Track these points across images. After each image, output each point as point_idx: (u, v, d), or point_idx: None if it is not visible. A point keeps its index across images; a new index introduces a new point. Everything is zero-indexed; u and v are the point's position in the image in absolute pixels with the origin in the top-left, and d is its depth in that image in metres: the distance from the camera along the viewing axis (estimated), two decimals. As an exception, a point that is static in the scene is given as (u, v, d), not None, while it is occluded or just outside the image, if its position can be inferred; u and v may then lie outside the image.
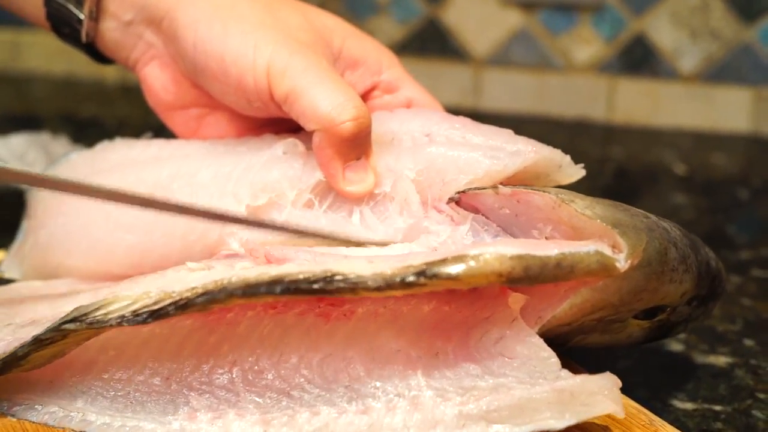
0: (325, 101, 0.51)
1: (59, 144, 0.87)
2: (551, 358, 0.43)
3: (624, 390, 0.50)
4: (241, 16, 0.55)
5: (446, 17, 1.22)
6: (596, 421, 0.46)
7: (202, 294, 0.42)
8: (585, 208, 0.45)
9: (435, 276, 0.41)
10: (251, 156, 0.55)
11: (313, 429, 0.44)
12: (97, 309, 0.43)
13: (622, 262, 0.43)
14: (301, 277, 0.42)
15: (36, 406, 0.47)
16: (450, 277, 0.41)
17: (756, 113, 1.16)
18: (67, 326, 0.44)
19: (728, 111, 1.16)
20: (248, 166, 0.54)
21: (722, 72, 1.16)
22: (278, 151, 0.54)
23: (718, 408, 0.53)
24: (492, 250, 0.41)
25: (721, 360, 0.59)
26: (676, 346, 0.60)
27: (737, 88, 1.15)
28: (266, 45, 0.54)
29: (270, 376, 0.46)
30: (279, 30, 0.55)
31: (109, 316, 0.43)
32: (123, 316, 0.43)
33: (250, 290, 0.42)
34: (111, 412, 0.46)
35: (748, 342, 0.62)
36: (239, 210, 0.52)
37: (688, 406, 0.54)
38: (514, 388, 0.42)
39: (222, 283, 0.42)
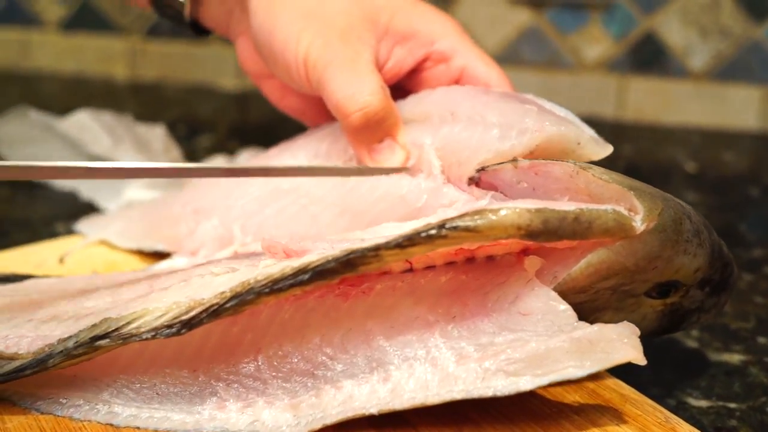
0: (338, 93, 0.56)
1: (123, 122, 0.92)
2: (568, 310, 0.43)
3: (638, 388, 0.50)
4: (292, 4, 0.59)
5: (456, 16, 1.22)
6: (612, 419, 0.46)
7: (232, 298, 0.43)
8: (602, 174, 0.46)
9: (455, 228, 0.41)
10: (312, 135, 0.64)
11: (338, 403, 0.44)
12: (129, 323, 0.44)
13: (639, 223, 0.44)
14: (324, 260, 0.42)
15: (60, 400, 0.47)
16: (469, 229, 0.41)
17: (766, 111, 1.16)
18: (101, 342, 0.44)
19: (738, 109, 1.16)
20: (310, 140, 0.63)
21: (732, 70, 1.15)
22: (329, 128, 0.62)
23: (732, 405, 0.53)
24: (511, 205, 0.42)
25: (735, 358, 0.59)
26: (690, 343, 0.60)
27: (747, 86, 1.15)
28: (306, 36, 0.58)
29: (294, 360, 0.46)
30: (321, 19, 0.58)
31: (142, 330, 0.44)
32: (156, 329, 0.44)
33: (278, 286, 0.42)
34: (137, 403, 0.46)
35: (762, 339, 0.61)
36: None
37: (703, 403, 0.53)
38: (531, 341, 0.42)
39: (249, 283, 0.43)
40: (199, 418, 0.45)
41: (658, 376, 0.56)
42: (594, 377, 0.50)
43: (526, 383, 0.42)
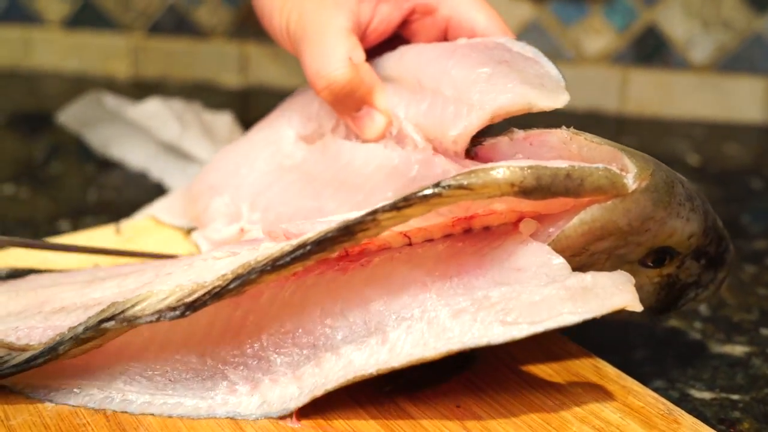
0: (308, 69, 0.57)
1: (192, 109, 0.95)
2: (562, 263, 0.44)
3: (641, 380, 0.50)
4: None
5: (457, 10, 1.21)
6: (614, 411, 0.46)
7: (234, 279, 0.43)
8: (594, 137, 0.47)
9: (449, 187, 0.42)
10: (305, 92, 0.65)
11: (338, 369, 0.45)
12: (134, 305, 0.44)
13: (630, 181, 0.44)
14: (323, 232, 0.43)
15: (74, 390, 0.47)
16: (463, 187, 0.42)
17: (769, 103, 1.16)
18: (107, 324, 0.44)
19: (741, 101, 1.16)
20: (303, 100, 0.64)
21: (735, 62, 1.15)
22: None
23: (735, 397, 0.53)
24: (504, 164, 0.42)
25: (738, 349, 0.59)
26: (693, 335, 0.60)
27: (750, 78, 1.15)
28: (286, 7, 0.59)
29: (296, 335, 0.47)
30: None
31: (147, 312, 0.44)
32: (160, 311, 0.44)
33: (279, 263, 0.43)
34: (151, 390, 0.47)
35: (765, 331, 0.61)
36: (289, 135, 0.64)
37: (706, 395, 0.53)
38: (526, 293, 0.43)
39: (249, 264, 0.44)
40: (212, 403, 0.46)
41: (661, 368, 0.56)
42: (596, 370, 0.50)
43: (521, 330, 0.42)
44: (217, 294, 0.44)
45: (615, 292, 0.42)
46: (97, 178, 0.90)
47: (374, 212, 0.42)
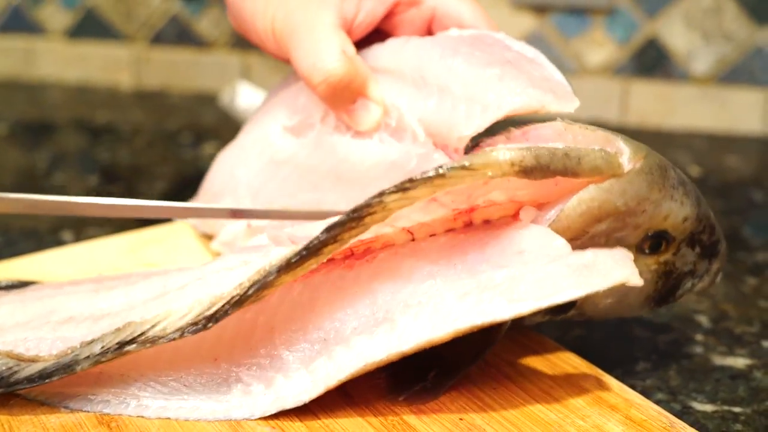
0: (301, 64, 0.57)
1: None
2: (563, 243, 0.45)
3: (643, 393, 0.50)
4: None
5: (458, 21, 1.21)
6: (617, 425, 0.46)
7: (251, 286, 0.44)
8: (588, 125, 0.48)
9: (452, 168, 0.43)
10: (289, 87, 0.65)
11: (349, 359, 0.46)
12: (154, 326, 0.45)
13: (626, 161, 0.46)
14: (331, 223, 0.44)
15: (89, 397, 0.48)
16: (465, 168, 0.43)
17: (769, 115, 1.16)
18: (129, 348, 0.45)
19: (742, 113, 1.16)
20: (287, 94, 0.65)
21: (735, 74, 1.15)
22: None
23: (737, 410, 0.53)
24: (504, 146, 0.44)
25: (740, 362, 0.59)
26: (694, 348, 0.60)
27: (751, 90, 1.15)
28: (270, 8, 0.59)
29: (308, 330, 0.47)
30: None
31: (168, 331, 0.45)
32: (181, 328, 0.45)
33: (294, 260, 0.44)
34: (166, 395, 0.47)
35: (767, 344, 0.62)
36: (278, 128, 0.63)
37: (708, 408, 0.54)
38: (530, 272, 0.44)
39: (265, 269, 0.44)
40: (228, 405, 0.47)
41: (663, 380, 0.56)
42: (598, 383, 0.50)
43: (527, 306, 0.43)
44: (237, 302, 0.44)
45: (615, 267, 0.43)
46: (100, 188, 0.90)
47: (381, 194, 0.43)
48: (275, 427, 0.46)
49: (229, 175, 0.66)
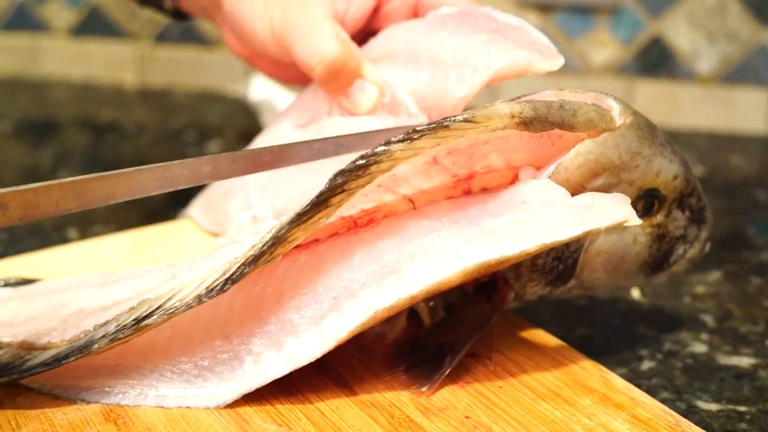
0: (299, 52, 0.60)
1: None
2: (561, 190, 0.47)
3: (648, 392, 0.51)
4: None
5: (462, 20, 1.21)
6: (623, 423, 0.46)
7: (264, 245, 0.44)
8: (577, 89, 0.50)
9: (455, 121, 0.45)
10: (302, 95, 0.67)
11: (359, 312, 0.46)
12: (170, 298, 0.45)
13: (617, 115, 0.48)
14: (337, 172, 0.44)
15: (105, 389, 0.48)
16: (468, 120, 0.45)
17: (773, 114, 1.16)
18: (147, 321, 0.45)
19: (746, 112, 1.16)
20: (299, 99, 0.67)
21: (739, 73, 1.15)
22: (313, 84, 0.65)
23: (742, 409, 0.53)
24: (503, 101, 0.46)
25: (745, 361, 0.59)
26: (699, 347, 0.60)
27: (755, 89, 1.15)
28: (268, 10, 0.62)
29: (317, 292, 0.48)
30: None
31: (187, 299, 0.45)
32: (200, 295, 0.45)
33: (305, 213, 0.44)
34: (183, 384, 0.47)
35: (771, 343, 0.62)
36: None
37: (713, 407, 0.54)
38: (532, 216, 0.45)
39: (276, 228, 0.45)
40: (243, 381, 0.47)
41: (668, 379, 0.56)
42: (604, 381, 0.50)
43: (531, 243, 0.44)
44: (252, 261, 0.44)
45: (615, 208, 0.45)
46: (105, 186, 0.90)
47: (388, 143, 0.44)
48: (282, 424, 0.46)
49: None
